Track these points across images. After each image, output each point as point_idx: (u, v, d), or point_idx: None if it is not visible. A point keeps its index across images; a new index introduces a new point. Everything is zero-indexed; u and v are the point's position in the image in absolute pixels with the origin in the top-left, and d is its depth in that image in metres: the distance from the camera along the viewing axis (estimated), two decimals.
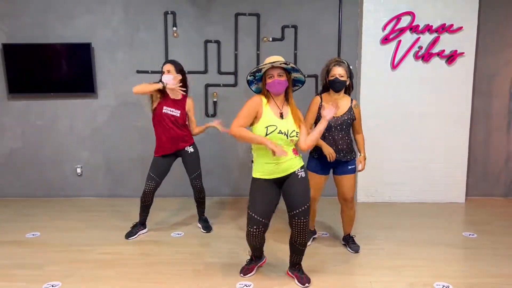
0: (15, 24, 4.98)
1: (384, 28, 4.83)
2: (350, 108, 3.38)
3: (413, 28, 4.80)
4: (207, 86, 5.10)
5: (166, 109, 3.79)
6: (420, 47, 4.84)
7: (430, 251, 3.58)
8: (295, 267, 3.05)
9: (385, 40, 4.84)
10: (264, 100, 2.79)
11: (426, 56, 4.84)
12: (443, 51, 4.83)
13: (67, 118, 5.19)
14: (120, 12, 5.01)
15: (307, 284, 2.93)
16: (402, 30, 4.81)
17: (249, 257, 3.17)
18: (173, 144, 3.87)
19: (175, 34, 5.01)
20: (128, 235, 3.90)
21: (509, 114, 5.18)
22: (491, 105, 5.16)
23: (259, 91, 2.90)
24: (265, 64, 2.71)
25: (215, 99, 5.13)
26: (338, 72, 3.27)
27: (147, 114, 5.11)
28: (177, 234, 4.02)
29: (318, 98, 3.40)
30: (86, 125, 5.20)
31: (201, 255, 3.51)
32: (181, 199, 5.10)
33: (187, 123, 3.98)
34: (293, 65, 2.74)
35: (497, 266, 3.29)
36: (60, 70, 5.01)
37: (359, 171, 3.56)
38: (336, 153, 3.34)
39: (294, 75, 2.86)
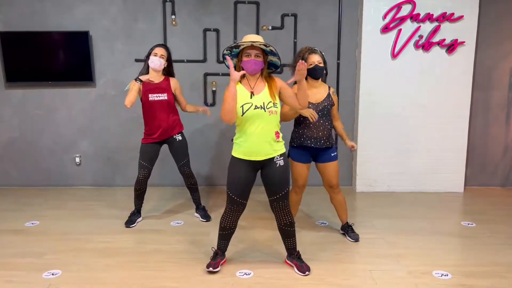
0: (12, 12, 4.92)
1: (384, 17, 4.79)
2: (329, 94, 3.39)
3: (414, 17, 4.77)
4: (206, 75, 5.07)
5: (152, 96, 3.76)
6: (421, 36, 4.81)
7: (429, 240, 3.60)
8: (294, 254, 3.06)
9: (385, 29, 4.81)
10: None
11: (426, 45, 4.82)
12: (444, 40, 4.80)
13: (65, 107, 5.15)
14: (118, 1, 4.95)
15: (307, 272, 2.94)
16: (402, 19, 4.78)
17: (213, 252, 3.12)
18: (162, 133, 3.86)
19: (173, 23, 4.97)
20: (128, 224, 3.91)
21: (508, 105, 5.18)
22: (491, 96, 5.15)
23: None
24: (245, 42, 2.69)
25: (214, 88, 5.11)
26: (316, 59, 3.28)
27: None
28: (177, 223, 4.02)
29: (295, 87, 3.38)
30: (84, 114, 5.17)
31: (201, 243, 3.51)
32: (182, 188, 5.10)
33: (176, 105, 3.98)
34: (272, 48, 2.73)
35: (495, 254, 3.31)
36: (58, 59, 4.96)
37: (353, 149, 3.48)
38: (317, 140, 3.36)
39: (271, 58, 2.84)
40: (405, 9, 4.77)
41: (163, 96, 3.79)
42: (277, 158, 2.84)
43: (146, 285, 2.82)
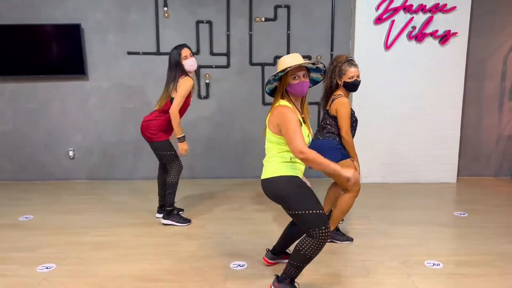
0: (3, 4, 4.87)
1: (377, 8, 4.79)
2: None
3: (407, 8, 4.77)
4: (199, 67, 5.05)
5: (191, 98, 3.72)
6: (414, 27, 4.82)
7: (421, 231, 3.63)
8: (284, 251, 2.99)
9: (379, 20, 4.80)
10: (290, 105, 2.45)
11: (419, 37, 4.82)
12: (437, 31, 4.80)
13: (58, 100, 5.13)
14: None
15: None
16: (395, 10, 4.77)
17: None
18: None
19: (166, 15, 4.94)
20: (189, 220, 3.82)
21: (501, 95, 5.20)
22: (484, 86, 5.18)
23: (269, 92, 2.58)
24: (292, 65, 2.37)
25: (207, 81, 5.09)
26: (356, 73, 3.15)
27: (138, 96, 5.09)
28: None
29: (348, 100, 3.20)
30: (77, 108, 5.15)
31: (195, 236, 3.53)
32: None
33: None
34: (320, 66, 2.50)
35: (486, 244, 3.35)
36: (50, 52, 4.93)
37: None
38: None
39: (312, 75, 2.59)
40: (398, 0, 4.76)
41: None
42: None
43: (140, 277, 2.83)
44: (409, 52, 4.87)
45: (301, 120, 2.47)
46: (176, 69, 3.56)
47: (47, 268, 2.96)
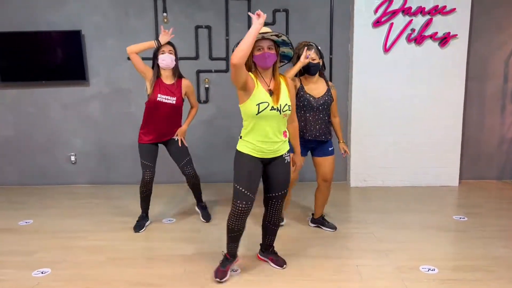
0: (3, 11, 4.94)
1: (376, 10, 4.77)
2: (328, 90, 3.41)
3: (406, 11, 4.74)
4: (198, 72, 5.07)
5: (161, 97, 3.53)
6: (413, 30, 4.79)
7: (419, 235, 3.59)
8: (269, 250, 3.06)
9: (377, 23, 4.78)
10: (253, 75, 2.56)
11: (418, 39, 4.79)
12: (436, 33, 4.77)
13: (60, 105, 5.18)
14: None
15: (284, 266, 2.98)
16: (394, 13, 4.75)
17: (223, 257, 2.91)
18: (158, 136, 3.71)
19: (165, 20, 4.97)
20: (137, 228, 3.75)
21: (503, 96, 5.14)
22: (485, 87, 5.12)
23: None
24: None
25: (207, 85, 5.11)
26: (311, 56, 3.28)
27: (139, 101, 5.11)
28: (168, 220, 4.04)
29: (297, 80, 3.38)
30: (78, 113, 5.20)
31: (190, 241, 3.53)
32: (173, 185, 5.13)
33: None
34: (285, 38, 2.54)
35: (484, 248, 3.30)
36: (51, 58, 5.00)
37: (345, 154, 3.61)
38: (316, 134, 3.40)
39: (283, 49, 2.66)
40: (397, 3, 4.74)
41: (172, 100, 3.58)
42: (285, 154, 2.77)
43: (133, 281, 2.84)
44: (409, 55, 4.84)
45: (267, 92, 2.56)
46: (154, 60, 3.60)
47: (42, 272, 2.99)
